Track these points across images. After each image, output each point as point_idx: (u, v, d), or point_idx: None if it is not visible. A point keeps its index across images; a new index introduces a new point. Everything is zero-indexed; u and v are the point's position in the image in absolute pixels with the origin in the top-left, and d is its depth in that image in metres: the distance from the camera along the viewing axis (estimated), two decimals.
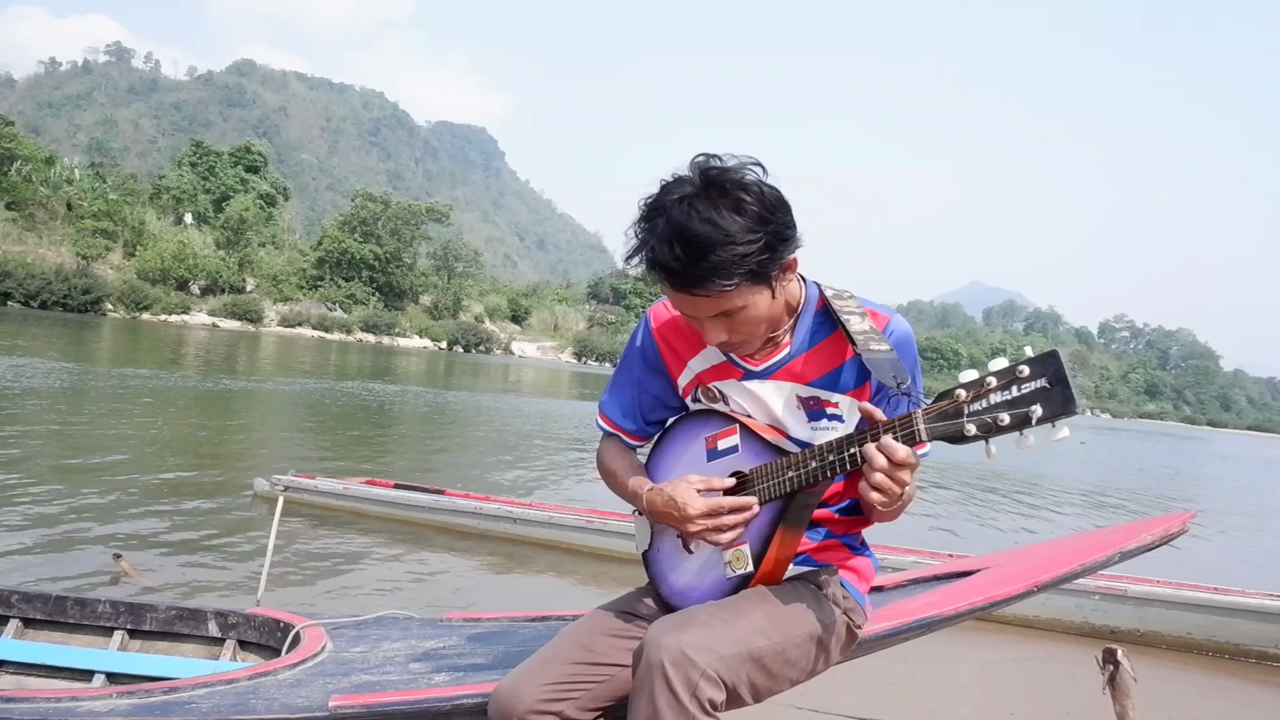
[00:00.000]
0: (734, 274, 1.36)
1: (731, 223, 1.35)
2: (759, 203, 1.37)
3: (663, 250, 1.37)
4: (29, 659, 2.36)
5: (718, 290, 1.38)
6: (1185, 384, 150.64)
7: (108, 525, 4.70)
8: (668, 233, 1.37)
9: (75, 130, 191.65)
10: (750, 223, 1.36)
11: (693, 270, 1.36)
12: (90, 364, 15.42)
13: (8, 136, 49.47)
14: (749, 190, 1.37)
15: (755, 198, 1.37)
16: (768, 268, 1.40)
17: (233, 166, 64.08)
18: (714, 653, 1.37)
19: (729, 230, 1.34)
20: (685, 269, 1.36)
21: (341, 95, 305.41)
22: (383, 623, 2.44)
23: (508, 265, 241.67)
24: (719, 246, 1.34)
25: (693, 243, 1.35)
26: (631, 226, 1.44)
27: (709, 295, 1.39)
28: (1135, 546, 2.06)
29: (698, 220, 1.35)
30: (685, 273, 1.37)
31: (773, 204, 1.39)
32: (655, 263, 1.39)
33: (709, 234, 1.34)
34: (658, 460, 1.73)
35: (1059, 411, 1.18)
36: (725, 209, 1.35)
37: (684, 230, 1.35)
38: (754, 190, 1.38)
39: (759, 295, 1.43)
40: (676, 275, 1.38)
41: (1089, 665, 2.51)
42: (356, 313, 56.14)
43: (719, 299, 1.40)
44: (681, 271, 1.37)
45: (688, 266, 1.36)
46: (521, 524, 5.31)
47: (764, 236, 1.37)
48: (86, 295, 43.62)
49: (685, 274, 1.37)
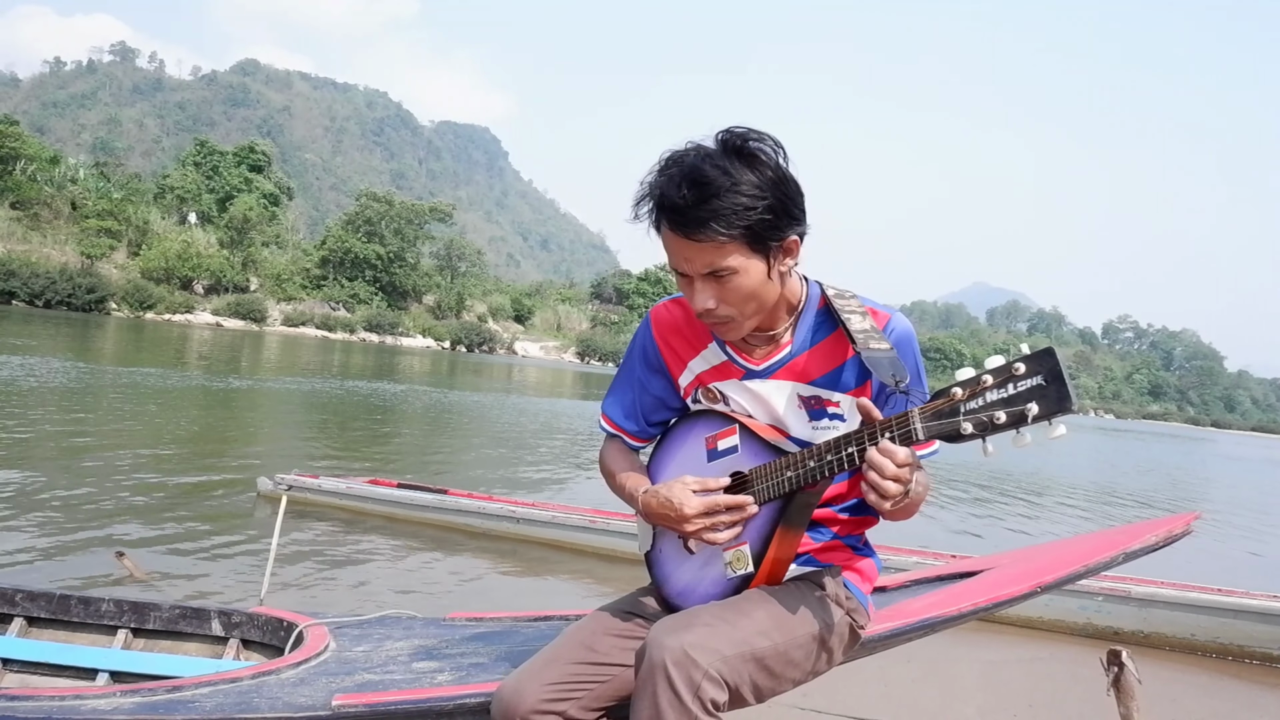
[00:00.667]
0: (734, 224, 1.39)
1: (742, 175, 1.40)
2: (773, 169, 1.42)
3: (671, 189, 1.41)
4: (33, 657, 2.37)
5: (715, 238, 1.40)
6: (1189, 385, 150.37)
7: (111, 524, 4.71)
8: (679, 176, 1.41)
9: (80, 130, 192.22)
10: (760, 181, 1.40)
11: (696, 211, 1.39)
12: (94, 363, 15.45)
13: (13, 136, 49.62)
14: (764, 155, 1.42)
15: (770, 164, 1.42)
16: (768, 233, 1.42)
17: (237, 166, 64.23)
18: (716, 653, 1.38)
19: (738, 180, 1.39)
20: (689, 208, 1.40)
21: (345, 95, 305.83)
22: (386, 622, 2.44)
23: (511, 265, 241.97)
24: (725, 192, 1.38)
25: (701, 184, 1.39)
26: (645, 176, 1.48)
27: (706, 242, 1.41)
28: (1139, 548, 2.05)
29: (710, 166, 1.40)
30: (688, 212, 1.40)
31: (785, 176, 1.44)
32: (662, 202, 1.43)
33: (718, 178, 1.39)
34: (658, 461, 1.73)
35: (1055, 409, 1.17)
36: (740, 164, 1.41)
37: (696, 172, 1.40)
38: (769, 157, 1.43)
39: (753, 263, 1.44)
40: (679, 214, 1.41)
41: (1093, 666, 2.51)
42: (360, 312, 56.21)
43: (715, 251, 1.42)
44: (685, 210, 1.40)
45: (692, 206, 1.39)
46: (524, 524, 5.31)
47: (770, 199, 1.41)
48: (91, 294, 43.72)
49: (688, 214, 1.40)
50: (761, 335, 1.60)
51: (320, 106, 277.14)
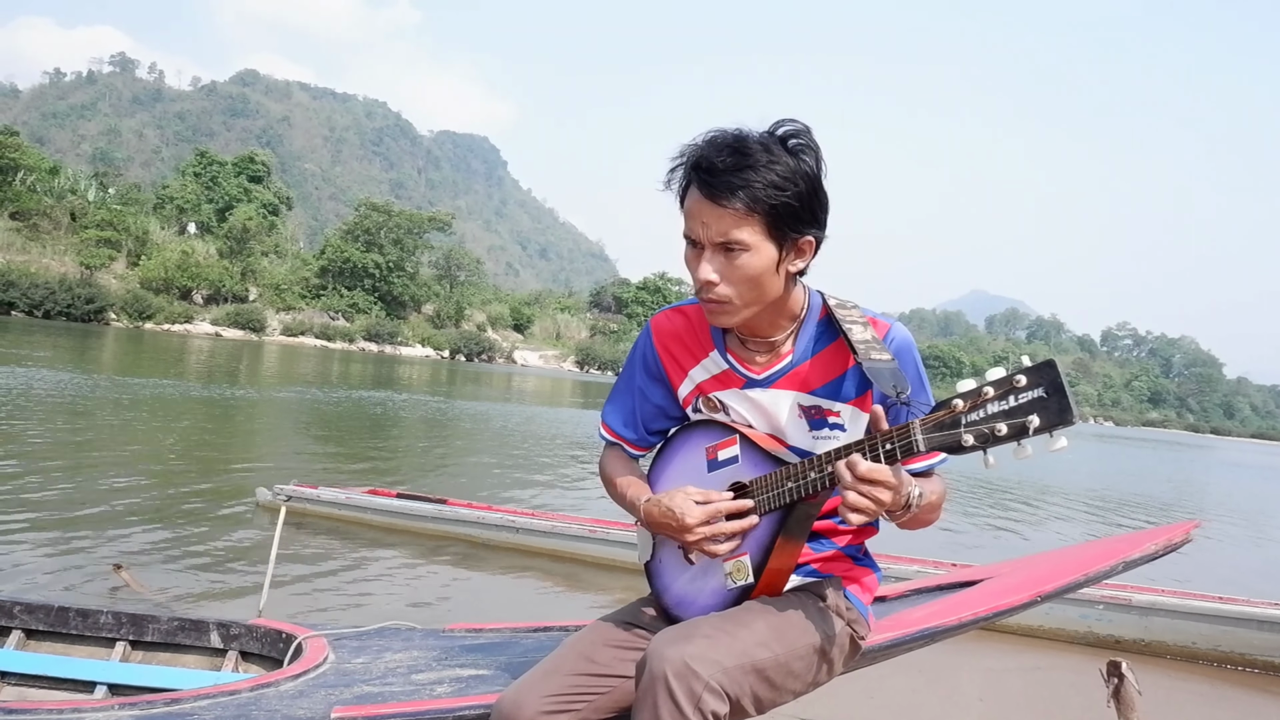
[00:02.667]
0: (761, 199, 1.41)
1: (782, 158, 1.43)
2: (811, 168, 1.46)
3: (711, 151, 1.44)
4: (31, 670, 2.36)
5: (741, 208, 1.42)
6: (1188, 392, 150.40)
7: (109, 535, 4.70)
8: (723, 141, 1.44)
9: (79, 140, 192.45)
10: (797, 170, 1.43)
11: (729, 177, 1.41)
12: (93, 373, 15.44)
13: (12, 146, 49.65)
14: (808, 154, 1.46)
15: (810, 163, 1.46)
16: (789, 221, 1.44)
17: (236, 176, 64.32)
18: (717, 664, 1.37)
19: (777, 160, 1.43)
20: (724, 172, 1.42)
21: (344, 105, 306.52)
22: (385, 633, 2.43)
23: (510, 274, 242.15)
24: (762, 167, 1.41)
25: (742, 152, 1.42)
26: (687, 144, 1.50)
27: (729, 209, 1.42)
28: (1139, 556, 2.05)
29: (754, 142, 1.43)
30: (722, 176, 1.42)
31: (819, 180, 1.47)
32: (699, 162, 1.45)
33: (759, 153, 1.42)
34: (659, 470, 1.73)
35: (1056, 421, 1.18)
36: (782, 150, 1.44)
37: (739, 141, 1.43)
38: (811, 159, 1.46)
39: (766, 246, 1.45)
40: (712, 175, 1.43)
41: (1094, 675, 2.50)
42: (359, 322, 56.20)
43: (734, 220, 1.43)
44: (720, 173, 1.42)
45: (727, 171, 1.41)
46: (524, 534, 5.30)
47: (802, 189, 1.43)
48: (90, 305, 43.69)
49: (720, 177, 1.42)
50: (762, 344, 1.60)
51: (319, 116, 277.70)
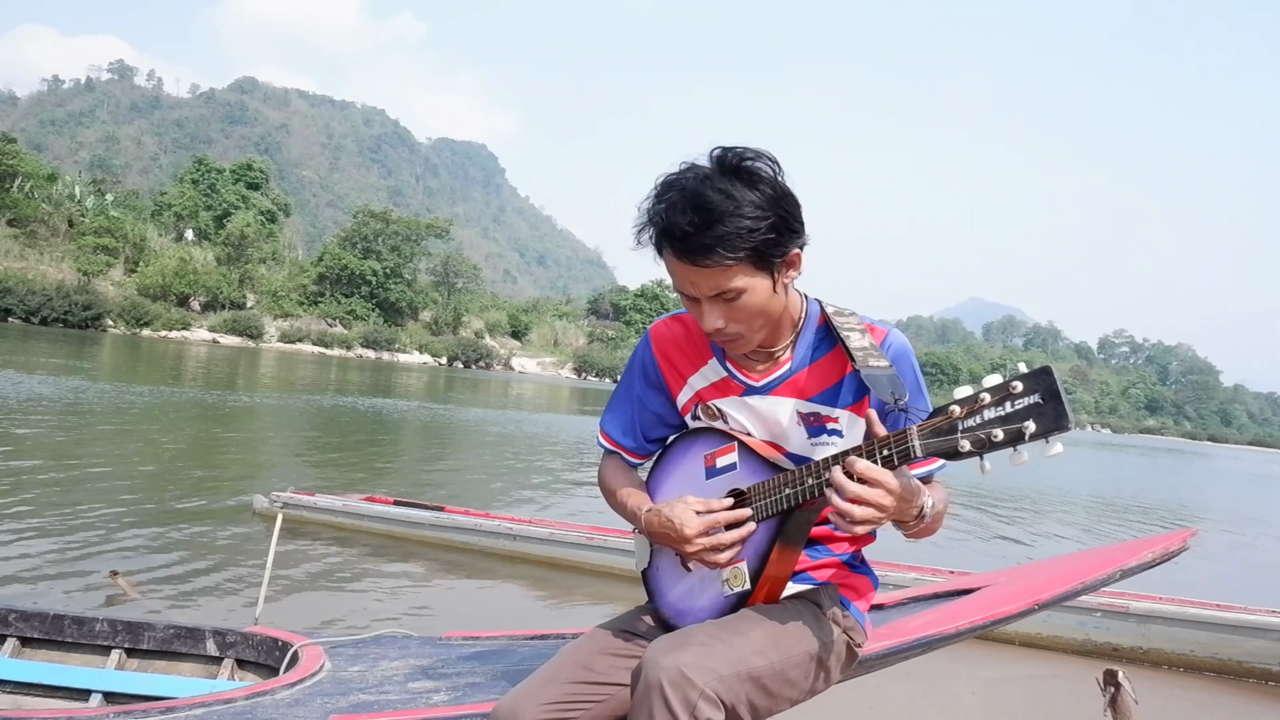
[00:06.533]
0: (739, 247, 1.39)
1: (744, 196, 1.40)
2: (771, 186, 1.42)
3: (675, 215, 1.41)
4: (26, 678, 2.35)
5: (722, 262, 1.40)
6: (1185, 399, 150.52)
7: (105, 542, 4.69)
8: (681, 201, 1.41)
9: (77, 147, 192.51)
10: (761, 200, 1.41)
11: (701, 238, 1.39)
12: (90, 380, 15.41)
13: (10, 153, 49.70)
14: (762, 173, 1.43)
15: (769, 181, 1.43)
16: (772, 251, 1.43)
17: (234, 183, 64.31)
18: (713, 673, 1.37)
19: (740, 201, 1.39)
20: (694, 235, 1.39)
21: (343, 112, 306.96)
22: (381, 641, 2.43)
23: (508, 281, 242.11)
24: (729, 216, 1.38)
25: (704, 209, 1.39)
26: (643, 202, 1.47)
27: (713, 267, 1.41)
28: (1136, 564, 2.06)
29: (711, 189, 1.40)
30: (694, 239, 1.40)
31: (784, 191, 1.44)
32: (665, 230, 1.43)
33: (721, 202, 1.38)
34: (657, 478, 1.73)
35: (1052, 428, 1.18)
36: (739, 184, 1.41)
37: (697, 197, 1.40)
38: (767, 175, 1.43)
39: (759, 281, 1.45)
40: (685, 242, 1.41)
41: (1091, 683, 2.50)
42: (356, 329, 56.17)
43: (721, 274, 1.42)
44: (691, 237, 1.40)
45: (697, 232, 1.39)
46: (521, 541, 5.29)
47: (772, 217, 1.41)
48: (87, 311, 43.67)
49: (693, 241, 1.40)
50: (762, 352, 1.61)
51: (318, 124, 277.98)
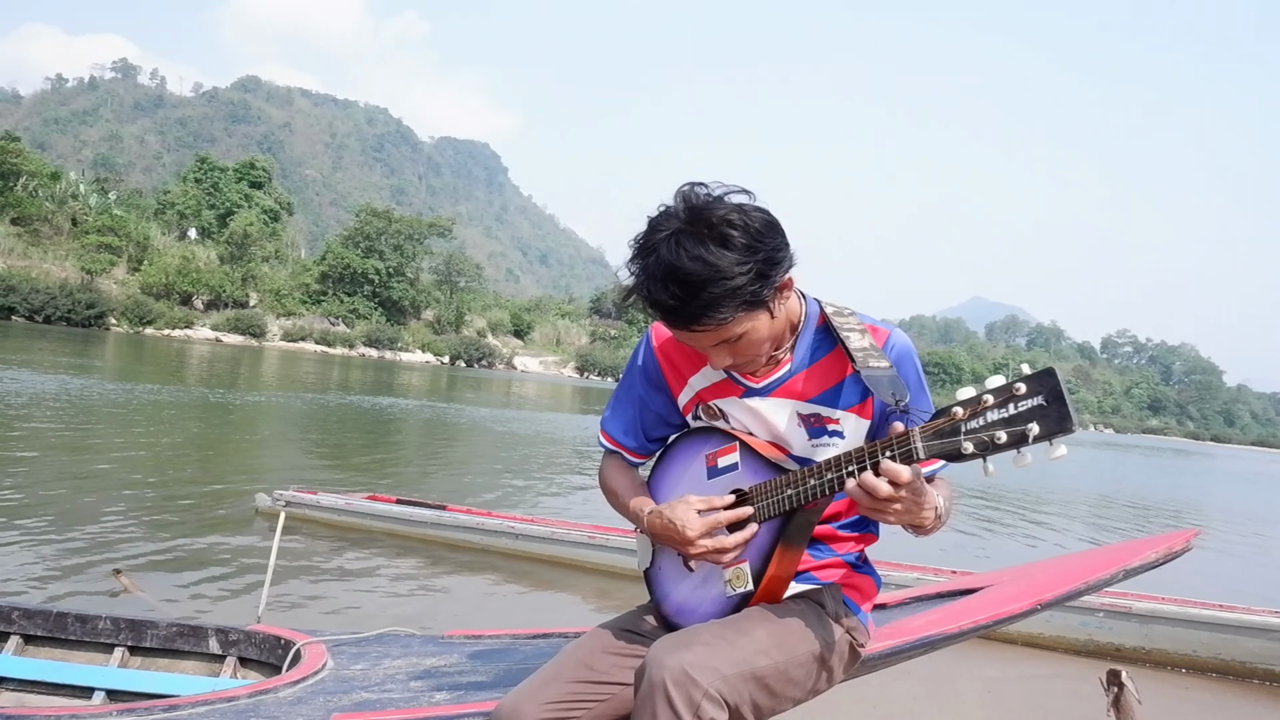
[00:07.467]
0: (729, 306, 1.39)
1: (721, 257, 1.37)
2: (745, 233, 1.39)
3: (658, 290, 1.40)
4: (29, 676, 2.35)
5: (716, 323, 1.41)
6: (1188, 399, 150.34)
7: (108, 540, 4.70)
8: (660, 273, 1.39)
9: (81, 146, 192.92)
10: (739, 254, 1.38)
11: (689, 308, 1.40)
12: (93, 378, 15.43)
13: (14, 152, 49.81)
14: (734, 223, 1.39)
15: (741, 229, 1.39)
16: (762, 294, 1.42)
17: (237, 182, 64.41)
18: (716, 672, 1.37)
19: (719, 265, 1.37)
20: (681, 307, 1.40)
21: (345, 111, 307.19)
22: (384, 640, 2.43)
23: (510, 280, 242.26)
24: (711, 283, 1.37)
25: (685, 281, 1.37)
26: (625, 265, 1.47)
27: (708, 329, 1.42)
28: (1139, 564, 2.05)
29: (687, 258, 1.37)
30: (682, 310, 1.40)
31: (760, 231, 1.40)
32: (652, 303, 1.43)
33: (700, 271, 1.37)
34: (659, 478, 1.73)
35: (1055, 430, 1.18)
36: (713, 244, 1.37)
37: (675, 270, 1.38)
38: (739, 222, 1.39)
39: (758, 320, 1.46)
40: (674, 314, 1.42)
41: (1094, 683, 2.50)
42: (359, 327, 56.24)
43: (718, 330, 1.43)
44: (679, 310, 1.41)
45: (684, 305, 1.39)
46: (523, 540, 5.29)
47: (754, 265, 1.38)
48: (90, 310, 43.76)
49: (682, 312, 1.41)
50: None
51: (321, 123, 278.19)
